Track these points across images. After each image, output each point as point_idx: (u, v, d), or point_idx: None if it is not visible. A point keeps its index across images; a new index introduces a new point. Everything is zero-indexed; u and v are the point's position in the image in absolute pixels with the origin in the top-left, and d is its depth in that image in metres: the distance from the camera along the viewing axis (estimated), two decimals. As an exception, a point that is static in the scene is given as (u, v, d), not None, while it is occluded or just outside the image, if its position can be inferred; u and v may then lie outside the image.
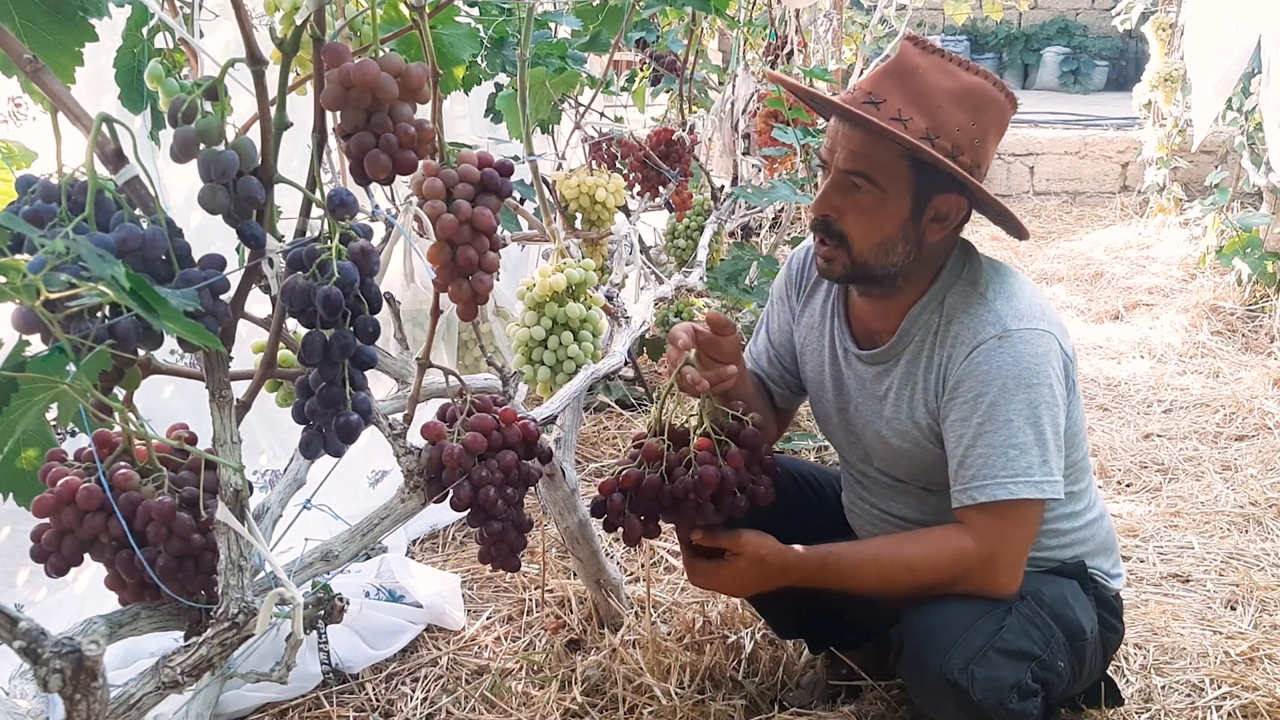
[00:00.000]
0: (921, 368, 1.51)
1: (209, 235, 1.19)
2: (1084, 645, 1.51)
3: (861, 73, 5.52)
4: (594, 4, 2.13)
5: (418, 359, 1.17)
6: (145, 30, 1.27)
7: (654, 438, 1.40)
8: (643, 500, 1.39)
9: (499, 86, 2.34)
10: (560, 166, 2.19)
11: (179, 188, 1.98)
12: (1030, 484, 1.41)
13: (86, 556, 0.97)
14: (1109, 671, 1.76)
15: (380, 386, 1.43)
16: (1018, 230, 1.54)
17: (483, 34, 1.80)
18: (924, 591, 1.47)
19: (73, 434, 1.10)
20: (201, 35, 1.42)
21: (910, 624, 1.48)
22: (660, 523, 1.45)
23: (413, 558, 2.44)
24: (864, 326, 1.61)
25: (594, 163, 2.34)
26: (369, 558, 2.29)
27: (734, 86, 3.28)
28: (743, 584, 1.50)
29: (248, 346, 1.36)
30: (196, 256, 0.85)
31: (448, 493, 1.13)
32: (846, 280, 1.53)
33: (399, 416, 1.16)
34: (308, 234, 0.93)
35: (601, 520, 1.42)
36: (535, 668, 2.01)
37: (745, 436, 1.40)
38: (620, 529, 1.40)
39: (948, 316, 1.49)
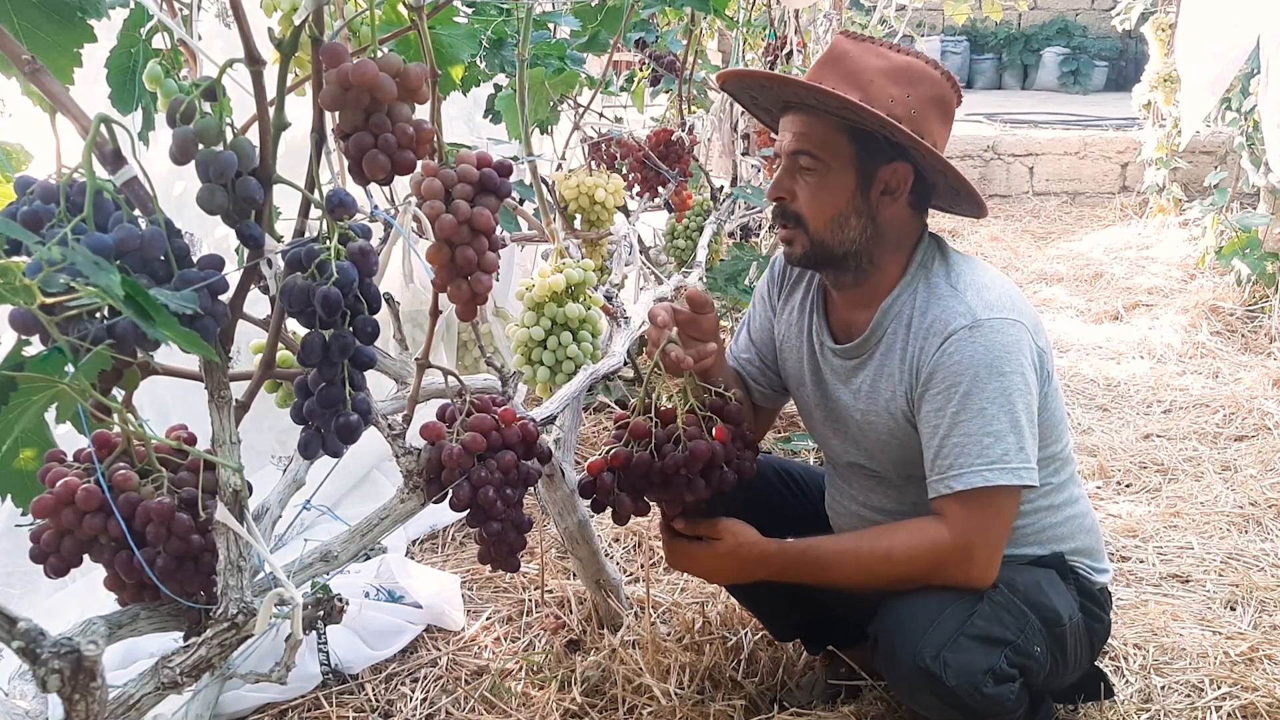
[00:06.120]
0: (895, 360, 1.53)
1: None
2: (1063, 631, 1.51)
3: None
4: (593, 4, 2.13)
5: (417, 359, 1.17)
6: (143, 30, 1.27)
7: (640, 416, 1.40)
8: (633, 478, 1.39)
9: (498, 87, 2.33)
10: (559, 167, 2.19)
11: (161, 181, 1.97)
12: (1006, 470, 1.42)
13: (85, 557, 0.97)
14: (1103, 667, 1.76)
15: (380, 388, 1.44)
16: (978, 207, 1.55)
17: (482, 35, 1.80)
18: (902, 583, 1.48)
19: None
20: (200, 38, 1.42)
21: (883, 616, 1.49)
22: (648, 500, 1.45)
23: (412, 558, 2.44)
24: (841, 321, 1.64)
25: (593, 163, 2.34)
26: (368, 558, 2.29)
27: (733, 87, 3.27)
28: (719, 569, 1.53)
29: (247, 346, 1.35)
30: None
31: (447, 493, 1.13)
32: (811, 263, 1.56)
33: (398, 417, 1.16)
34: (306, 234, 0.93)
35: (590, 500, 1.42)
36: (535, 668, 2.01)
37: (729, 411, 1.42)
38: (610, 508, 1.41)
39: (920, 309, 1.51)
